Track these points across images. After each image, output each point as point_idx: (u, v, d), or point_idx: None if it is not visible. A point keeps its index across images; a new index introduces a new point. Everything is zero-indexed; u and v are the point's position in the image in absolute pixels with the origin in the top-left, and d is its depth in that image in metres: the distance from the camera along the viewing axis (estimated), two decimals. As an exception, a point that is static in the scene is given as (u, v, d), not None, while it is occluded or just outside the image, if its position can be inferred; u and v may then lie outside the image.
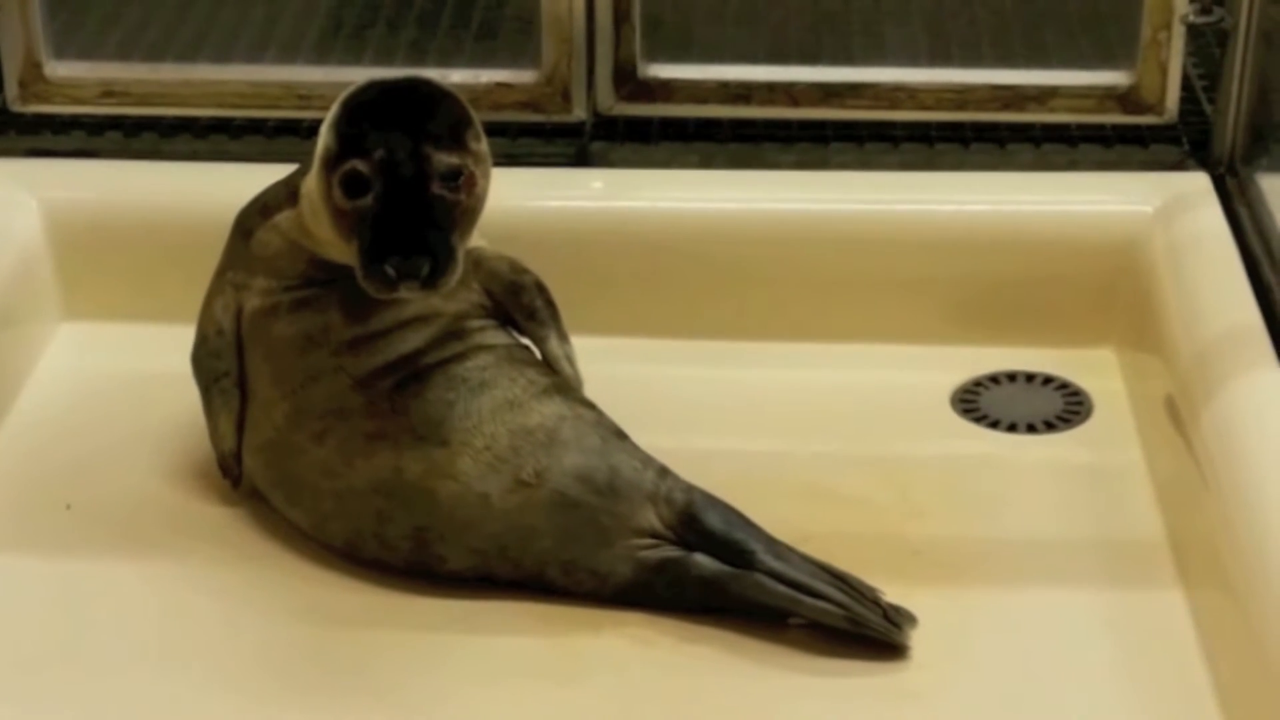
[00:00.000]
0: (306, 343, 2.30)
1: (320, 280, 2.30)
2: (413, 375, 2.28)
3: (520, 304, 2.37)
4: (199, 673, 2.18)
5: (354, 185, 2.17)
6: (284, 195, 2.33)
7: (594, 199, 2.81)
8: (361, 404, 2.27)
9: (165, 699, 2.15)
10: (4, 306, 2.66)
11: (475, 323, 2.34)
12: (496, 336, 2.35)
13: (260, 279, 2.33)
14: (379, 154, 2.16)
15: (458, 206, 2.18)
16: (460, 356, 2.30)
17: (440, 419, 2.26)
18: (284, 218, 2.31)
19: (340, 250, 2.24)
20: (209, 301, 2.38)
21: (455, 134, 2.20)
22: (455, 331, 2.32)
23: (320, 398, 2.29)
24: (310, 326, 2.30)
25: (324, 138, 2.21)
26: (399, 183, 2.16)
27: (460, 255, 2.18)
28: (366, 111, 2.20)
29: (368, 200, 2.17)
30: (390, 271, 2.14)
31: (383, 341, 2.29)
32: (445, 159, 2.17)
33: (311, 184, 2.24)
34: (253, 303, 2.34)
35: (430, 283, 2.14)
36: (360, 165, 2.17)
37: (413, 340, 2.30)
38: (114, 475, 2.48)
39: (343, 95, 2.23)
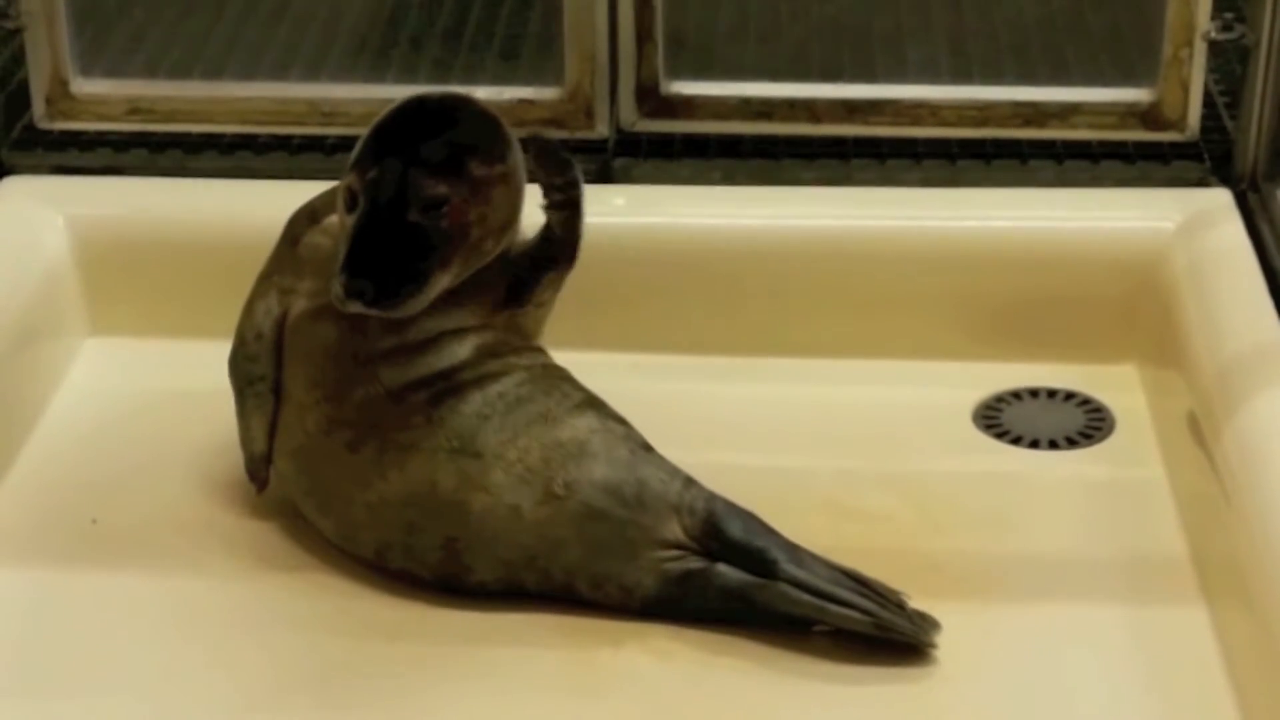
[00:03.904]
0: (344, 349, 2.31)
1: None
2: (449, 390, 2.29)
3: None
4: (223, 686, 2.19)
5: (350, 201, 2.23)
6: (333, 200, 2.34)
7: (617, 215, 2.81)
8: (396, 415, 2.28)
9: (190, 713, 2.16)
10: (30, 322, 2.67)
11: (512, 344, 2.34)
12: (533, 357, 2.36)
13: (308, 281, 2.34)
14: (371, 174, 2.21)
15: (438, 234, 2.21)
16: (497, 375, 2.31)
17: (475, 433, 2.27)
18: (332, 222, 2.32)
19: None
20: (250, 305, 2.39)
21: (454, 160, 2.22)
22: (493, 351, 2.33)
23: (355, 406, 2.29)
24: (350, 333, 2.30)
25: (356, 146, 2.27)
26: (377, 206, 2.20)
27: (434, 281, 2.21)
28: (389, 127, 2.25)
29: (353, 217, 2.22)
30: (337, 288, 2.18)
31: (419, 354, 2.30)
32: (431, 186, 2.20)
33: None
34: (299, 306, 2.35)
35: (380, 305, 2.19)
36: (354, 182, 2.22)
37: (449, 356, 2.30)
38: (139, 490, 2.49)
39: (391, 105, 2.27)
